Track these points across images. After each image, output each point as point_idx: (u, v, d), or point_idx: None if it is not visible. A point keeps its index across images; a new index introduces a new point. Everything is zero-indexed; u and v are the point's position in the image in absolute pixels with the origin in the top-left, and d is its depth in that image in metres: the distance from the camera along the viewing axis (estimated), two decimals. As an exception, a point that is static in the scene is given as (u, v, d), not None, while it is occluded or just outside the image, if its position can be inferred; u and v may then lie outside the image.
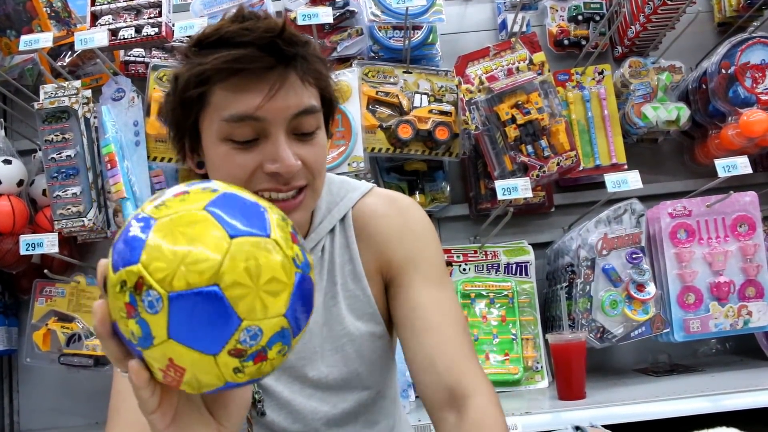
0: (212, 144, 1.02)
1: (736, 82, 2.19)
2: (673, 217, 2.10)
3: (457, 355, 1.08)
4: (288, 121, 1.00)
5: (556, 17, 2.50)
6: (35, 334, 2.20)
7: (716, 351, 2.41)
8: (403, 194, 1.29)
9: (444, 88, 2.25)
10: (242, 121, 0.98)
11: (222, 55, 0.96)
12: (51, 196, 2.09)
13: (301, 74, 1.00)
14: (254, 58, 0.95)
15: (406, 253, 1.17)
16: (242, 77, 0.97)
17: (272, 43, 0.96)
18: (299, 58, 0.99)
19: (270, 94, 0.96)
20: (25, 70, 2.43)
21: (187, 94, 1.00)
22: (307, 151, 1.02)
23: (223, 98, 0.99)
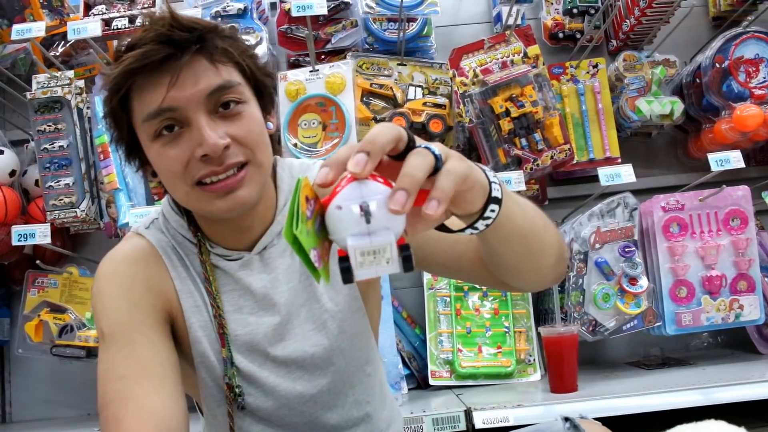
0: (147, 148, 1.05)
1: (729, 76, 2.19)
2: (666, 210, 2.10)
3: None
4: (204, 103, 1.01)
5: (551, 10, 2.50)
6: (27, 325, 2.20)
7: (708, 344, 2.42)
8: None
9: (438, 80, 2.24)
10: (159, 116, 1.00)
11: (124, 58, 1.00)
12: (43, 187, 2.08)
13: (208, 56, 1.01)
14: (150, 53, 0.98)
15: None
16: (148, 75, 0.99)
17: (167, 35, 0.98)
18: (201, 40, 1.01)
19: (172, 83, 0.98)
20: (17, 60, 2.41)
21: (112, 108, 1.05)
22: (236, 127, 1.03)
23: (139, 100, 1.02)
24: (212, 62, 1.02)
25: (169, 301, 1.13)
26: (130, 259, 1.15)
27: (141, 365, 1.03)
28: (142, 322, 1.08)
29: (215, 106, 1.02)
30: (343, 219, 0.65)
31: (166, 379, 1.03)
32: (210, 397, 1.14)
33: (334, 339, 1.16)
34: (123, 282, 1.11)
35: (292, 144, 2.11)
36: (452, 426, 1.75)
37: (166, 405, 1.00)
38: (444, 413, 1.75)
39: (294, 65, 2.32)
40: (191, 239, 1.15)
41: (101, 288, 1.12)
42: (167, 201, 1.21)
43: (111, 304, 1.10)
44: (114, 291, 1.11)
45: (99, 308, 1.12)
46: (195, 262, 1.15)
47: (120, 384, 1.02)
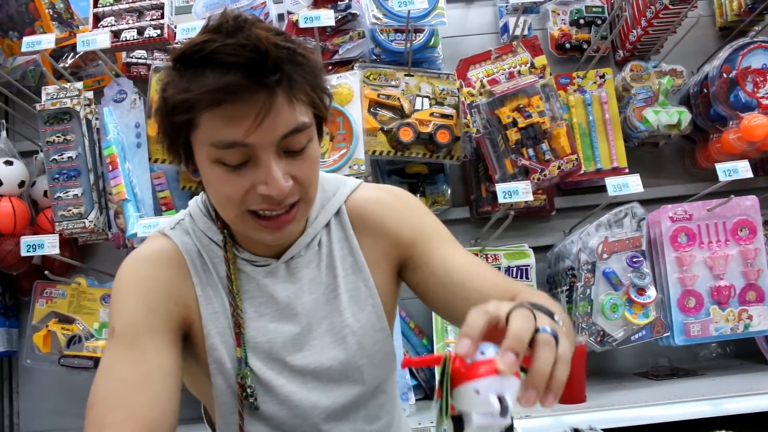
0: (204, 164, 1.02)
1: (737, 86, 2.19)
2: (674, 221, 2.10)
3: (504, 284, 1.12)
4: (276, 144, 0.98)
5: (558, 21, 2.51)
6: (35, 336, 2.20)
7: (717, 355, 2.41)
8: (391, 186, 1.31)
9: (445, 91, 2.25)
10: (231, 148, 0.97)
11: (206, 84, 0.93)
12: (52, 198, 2.09)
13: (288, 93, 0.97)
14: (239, 87, 0.93)
15: (412, 230, 1.20)
16: (228, 105, 0.95)
17: (257, 65, 0.93)
18: (285, 77, 0.96)
19: (257, 122, 0.94)
20: (27, 72, 2.44)
21: (175, 119, 1.00)
22: (298, 168, 1.01)
23: (210, 124, 0.97)
24: (290, 100, 0.98)
25: (187, 307, 1.13)
26: (153, 260, 1.14)
27: (143, 374, 1.02)
28: (155, 328, 1.07)
29: (284, 148, 1.00)
30: (478, 403, 0.71)
31: (164, 392, 1.02)
32: (224, 405, 1.14)
33: (352, 354, 1.16)
34: (143, 284, 1.11)
35: (300, 154, 2.11)
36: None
37: (158, 419, 0.99)
38: (452, 424, 1.74)
39: (301, 76, 2.33)
40: (218, 242, 1.15)
41: (121, 287, 1.12)
42: (197, 203, 1.20)
43: (128, 305, 1.09)
44: (133, 291, 1.10)
45: (115, 305, 1.11)
46: (219, 267, 1.15)
47: (116, 386, 1.01)
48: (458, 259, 1.17)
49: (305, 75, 1.01)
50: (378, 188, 1.27)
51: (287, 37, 1.01)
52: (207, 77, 0.93)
